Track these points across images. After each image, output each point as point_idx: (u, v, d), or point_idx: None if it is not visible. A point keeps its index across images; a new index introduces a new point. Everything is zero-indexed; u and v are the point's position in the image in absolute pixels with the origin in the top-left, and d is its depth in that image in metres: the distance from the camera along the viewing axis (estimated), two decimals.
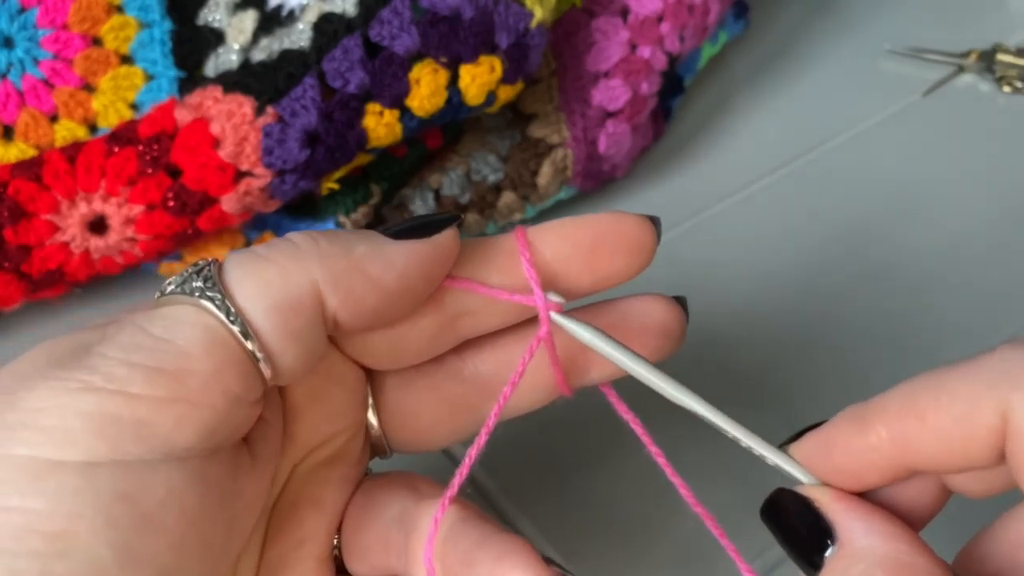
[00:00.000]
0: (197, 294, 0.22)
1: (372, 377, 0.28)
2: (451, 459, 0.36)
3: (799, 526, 0.23)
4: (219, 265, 0.23)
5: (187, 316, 0.22)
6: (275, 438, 0.25)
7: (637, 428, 0.27)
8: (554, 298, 0.26)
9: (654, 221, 0.27)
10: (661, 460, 0.26)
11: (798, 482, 0.24)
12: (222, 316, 0.22)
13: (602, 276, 0.26)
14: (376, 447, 0.28)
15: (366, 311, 0.23)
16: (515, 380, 0.25)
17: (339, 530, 0.27)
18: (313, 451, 0.26)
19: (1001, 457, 0.22)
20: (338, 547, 0.27)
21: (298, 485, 0.26)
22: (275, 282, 0.22)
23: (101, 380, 0.20)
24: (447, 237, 0.25)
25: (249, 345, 0.22)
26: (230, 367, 0.22)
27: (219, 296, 0.22)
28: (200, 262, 0.23)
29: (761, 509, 0.24)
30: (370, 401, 0.27)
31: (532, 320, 0.26)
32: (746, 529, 0.25)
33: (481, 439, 0.25)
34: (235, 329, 0.22)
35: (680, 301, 0.28)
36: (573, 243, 0.26)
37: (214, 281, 0.22)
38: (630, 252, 0.26)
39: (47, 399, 0.20)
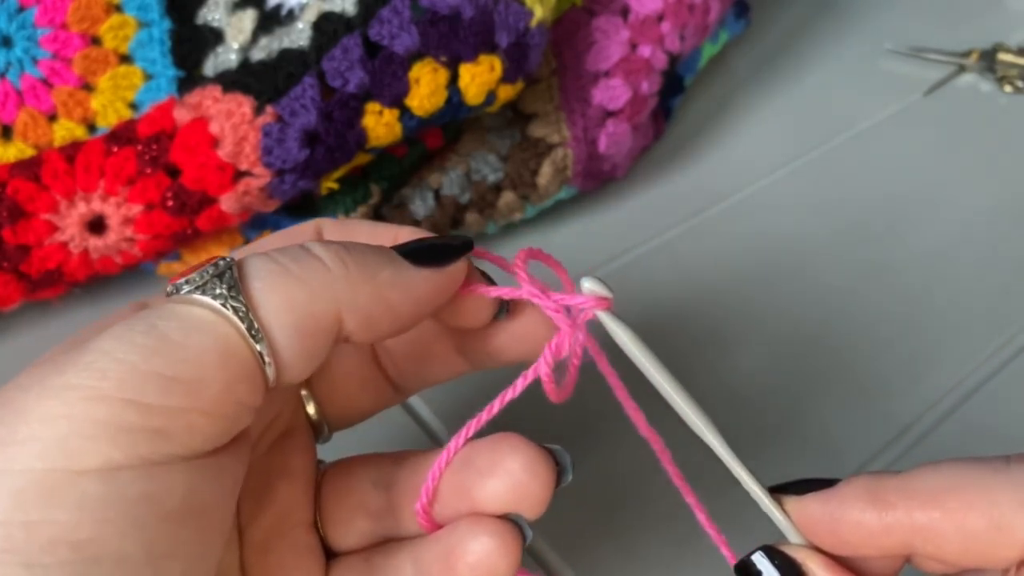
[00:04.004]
0: (220, 301, 0.21)
1: None
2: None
3: None
4: (239, 268, 0.22)
5: (206, 322, 0.21)
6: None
7: (642, 426, 0.27)
8: (601, 291, 0.25)
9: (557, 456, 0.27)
10: (664, 455, 0.27)
11: (782, 535, 0.24)
12: (243, 328, 0.21)
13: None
14: (314, 425, 0.29)
15: (377, 334, 0.24)
16: (523, 383, 0.26)
17: (317, 507, 0.27)
18: (266, 431, 0.27)
19: (1016, 567, 0.22)
20: (319, 525, 0.27)
21: (263, 463, 0.27)
22: (301, 303, 0.22)
23: (114, 388, 0.20)
24: (459, 269, 0.25)
25: (264, 358, 0.22)
26: (243, 379, 0.21)
27: (243, 308, 0.21)
28: (219, 261, 0.22)
29: (739, 564, 0.24)
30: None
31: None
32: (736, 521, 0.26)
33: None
34: (253, 343, 0.21)
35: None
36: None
37: (238, 289, 0.22)
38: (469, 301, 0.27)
39: (57, 408, 0.20)
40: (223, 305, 0.21)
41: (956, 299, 0.44)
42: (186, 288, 0.22)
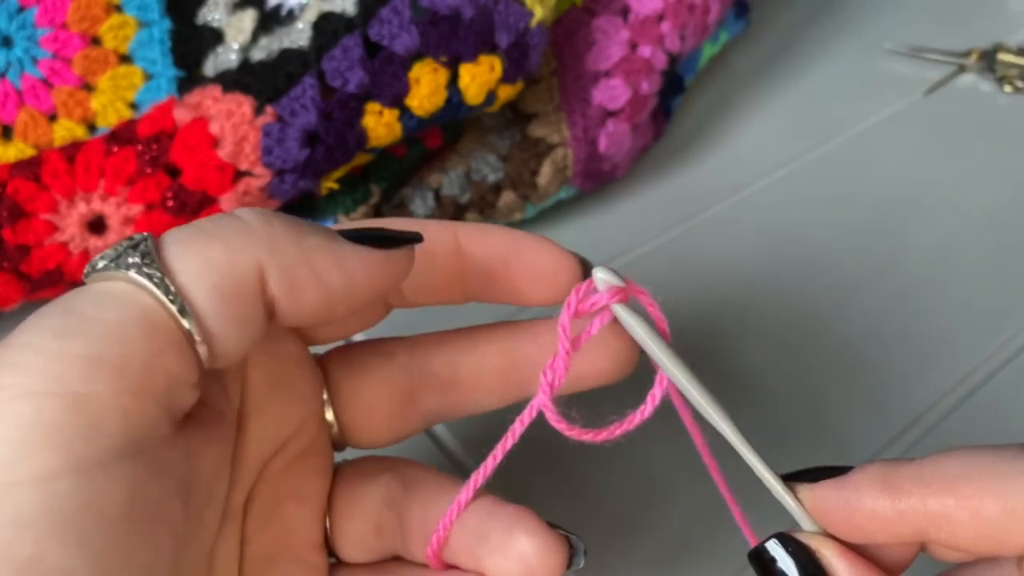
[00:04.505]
0: (133, 270, 0.20)
1: (327, 371, 0.28)
2: (448, 457, 0.36)
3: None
4: (156, 240, 0.21)
5: (121, 293, 0.20)
6: (228, 419, 0.25)
7: (683, 413, 0.27)
8: (615, 281, 0.25)
9: (582, 262, 0.27)
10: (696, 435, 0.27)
11: (796, 524, 0.24)
12: (160, 295, 0.20)
13: (502, 292, 0.27)
14: (333, 442, 0.29)
15: (305, 306, 0.23)
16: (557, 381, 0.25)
17: (327, 518, 0.27)
18: (283, 448, 0.27)
19: None
20: (327, 534, 0.27)
21: (275, 482, 0.26)
22: (219, 261, 0.21)
23: (38, 381, 0.19)
24: (403, 256, 0.24)
25: (187, 326, 0.20)
26: (169, 349, 0.20)
27: (158, 273, 0.20)
28: (136, 236, 0.21)
29: (753, 551, 0.24)
30: (326, 397, 0.28)
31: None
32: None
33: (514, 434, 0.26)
34: (174, 309, 0.20)
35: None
36: (489, 251, 0.27)
37: (152, 257, 0.20)
38: (535, 279, 0.27)
39: None
40: (137, 274, 0.20)
41: (957, 297, 0.44)
42: (101, 264, 0.21)
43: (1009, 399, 0.40)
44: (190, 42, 0.38)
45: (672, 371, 0.25)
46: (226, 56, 0.38)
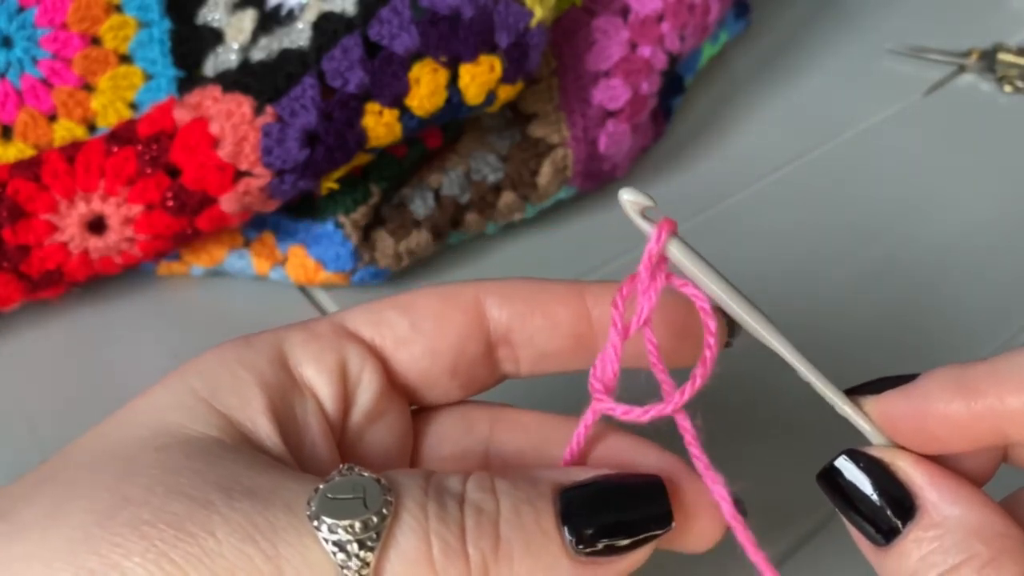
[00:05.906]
0: (345, 569, 0.20)
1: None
2: None
3: (871, 492, 0.22)
4: (393, 521, 0.20)
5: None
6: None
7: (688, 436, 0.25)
8: (643, 201, 0.24)
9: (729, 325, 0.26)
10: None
11: (864, 440, 0.23)
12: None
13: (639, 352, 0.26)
14: None
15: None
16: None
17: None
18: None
19: None
20: None
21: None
22: None
23: None
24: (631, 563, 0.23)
25: None
26: None
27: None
28: (381, 498, 0.20)
29: (822, 472, 0.23)
30: None
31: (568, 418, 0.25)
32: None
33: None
34: None
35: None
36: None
37: (374, 556, 0.20)
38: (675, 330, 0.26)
39: None
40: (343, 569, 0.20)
41: (956, 298, 0.44)
42: (328, 518, 0.20)
43: None
44: (190, 42, 0.38)
45: (728, 302, 0.24)
46: (226, 56, 0.38)
